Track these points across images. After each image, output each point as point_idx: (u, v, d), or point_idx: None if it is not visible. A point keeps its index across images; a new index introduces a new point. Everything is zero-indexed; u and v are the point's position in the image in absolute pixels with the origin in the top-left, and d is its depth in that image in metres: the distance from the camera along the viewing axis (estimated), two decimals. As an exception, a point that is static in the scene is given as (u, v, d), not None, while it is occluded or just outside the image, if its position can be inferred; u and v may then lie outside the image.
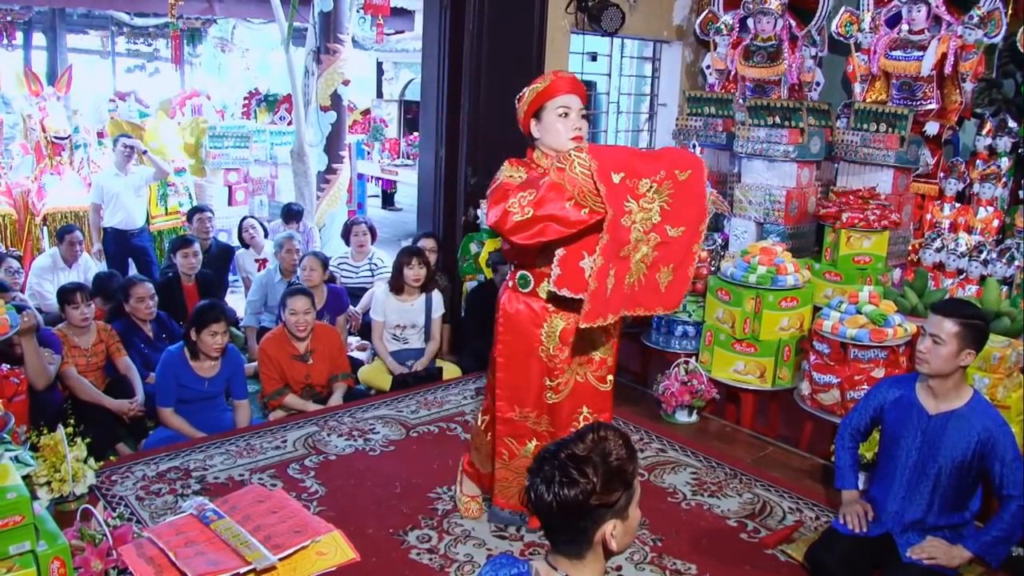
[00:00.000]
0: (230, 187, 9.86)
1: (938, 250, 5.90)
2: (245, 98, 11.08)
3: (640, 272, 2.91)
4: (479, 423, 3.66)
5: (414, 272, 5.44)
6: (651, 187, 2.79)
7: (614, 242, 2.73)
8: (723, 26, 7.15)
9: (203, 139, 9.58)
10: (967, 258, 5.72)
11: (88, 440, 3.55)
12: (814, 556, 3.42)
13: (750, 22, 7.03)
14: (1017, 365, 4.28)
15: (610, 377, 3.37)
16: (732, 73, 7.19)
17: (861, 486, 3.61)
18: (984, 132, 6.20)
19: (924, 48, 6.10)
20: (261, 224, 7.54)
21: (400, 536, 3.61)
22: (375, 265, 6.78)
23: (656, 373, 5.22)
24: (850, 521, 3.35)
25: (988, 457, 3.14)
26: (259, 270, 6.80)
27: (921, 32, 6.20)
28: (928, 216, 6.32)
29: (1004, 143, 6.07)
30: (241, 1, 12.19)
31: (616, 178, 2.70)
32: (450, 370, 5.60)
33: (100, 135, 8.92)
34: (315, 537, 2.65)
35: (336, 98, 8.45)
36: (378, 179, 12.69)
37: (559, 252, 2.89)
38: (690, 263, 3.02)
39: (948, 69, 6.05)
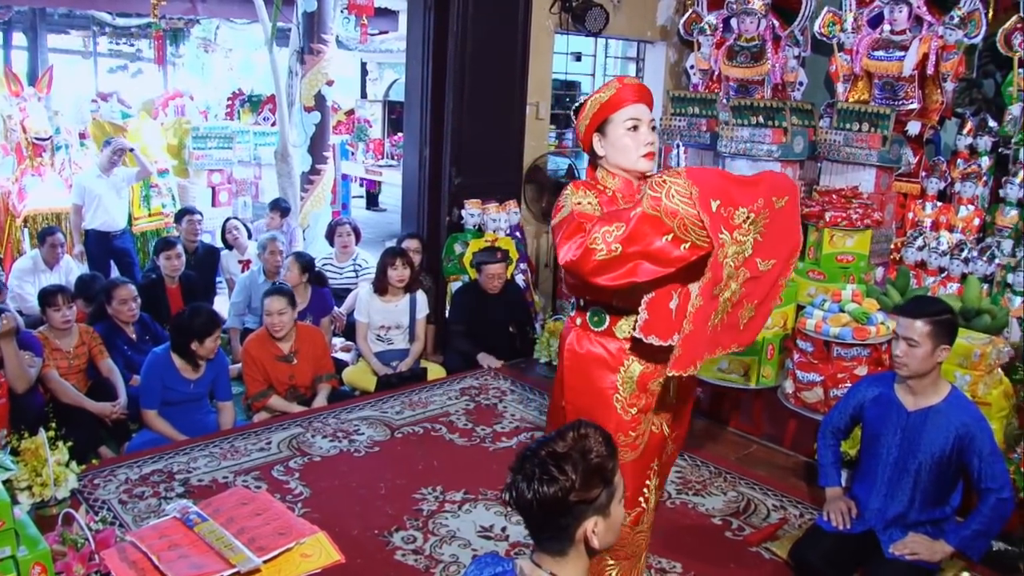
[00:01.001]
0: (213, 188, 9.81)
1: (920, 248, 5.93)
2: (228, 99, 11.03)
3: (725, 311, 2.52)
4: None
5: (398, 273, 5.43)
6: (748, 217, 2.40)
7: (713, 281, 2.38)
8: (707, 26, 7.17)
9: (186, 140, 9.53)
10: (948, 256, 5.75)
11: (70, 443, 3.53)
12: (798, 553, 3.44)
13: (733, 22, 7.06)
14: (998, 362, 4.31)
15: (684, 424, 2.95)
16: (716, 73, 7.22)
17: (844, 483, 3.62)
18: (965, 131, 6.24)
19: (906, 48, 6.13)
20: (245, 225, 7.51)
21: (385, 537, 3.61)
22: (359, 266, 6.77)
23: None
24: (834, 518, 3.37)
25: (966, 452, 3.17)
26: (243, 271, 6.77)
27: (903, 32, 6.23)
28: (910, 215, 6.36)
29: (984, 142, 6.11)
30: (224, 1, 12.13)
31: (714, 206, 2.32)
32: (435, 371, 5.59)
33: (82, 136, 8.86)
34: (300, 539, 2.64)
35: (320, 98, 8.42)
36: (362, 180, 12.65)
37: (649, 295, 2.49)
38: (774, 298, 2.67)
39: (929, 69, 6.08)
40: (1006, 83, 6.07)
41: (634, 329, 2.52)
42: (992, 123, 6.13)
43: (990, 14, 6.11)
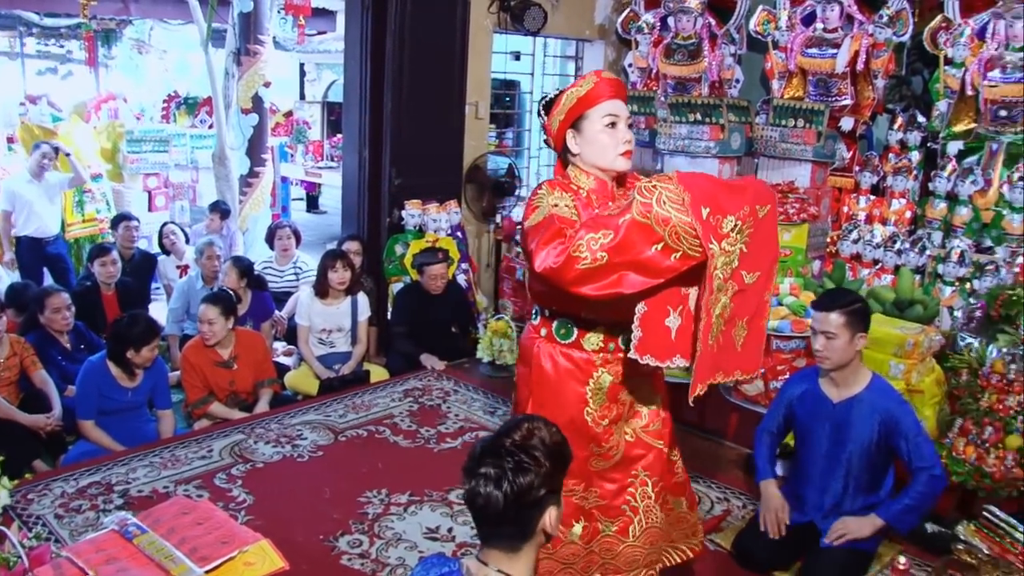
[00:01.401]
0: (150, 192, 9.63)
1: (855, 241, 6.05)
2: (164, 101, 10.84)
3: (719, 328, 2.38)
4: None
5: (339, 275, 5.40)
6: (735, 226, 2.27)
7: (709, 293, 2.27)
8: (644, 25, 7.22)
9: (120, 143, 9.33)
10: (882, 248, 5.88)
11: (1, 459, 3.43)
12: (741, 544, 3.50)
13: (671, 21, 7.12)
14: (930, 350, 4.41)
15: (663, 431, 2.80)
16: (654, 71, 7.27)
17: (782, 473, 3.69)
18: (895, 127, 6.38)
19: (838, 46, 6.25)
20: (182, 230, 7.39)
21: (330, 542, 3.59)
22: (299, 269, 6.70)
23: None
24: (770, 529, 3.41)
25: (892, 436, 3.25)
26: (181, 277, 6.67)
27: (835, 30, 6.35)
28: (845, 209, 6.49)
29: (914, 137, 6.26)
30: (158, 1, 11.91)
31: (704, 213, 2.20)
32: (377, 373, 5.57)
33: (10, 140, 8.65)
34: (242, 547, 2.61)
35: (257, 100, 8.31)
36: (302, 182, 12.54)
37: (640, 309, 2.36)
38: (764, 314, 2.55)
39: (860, 66, 6.20)
40: (933, 80, 6.23)
41: (627, 349, 2.39)
42: (921, 119, 6.28)
43: (917, 13, 6.26)
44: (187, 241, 7.29)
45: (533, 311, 2.73)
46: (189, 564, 2.48)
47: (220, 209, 7.56)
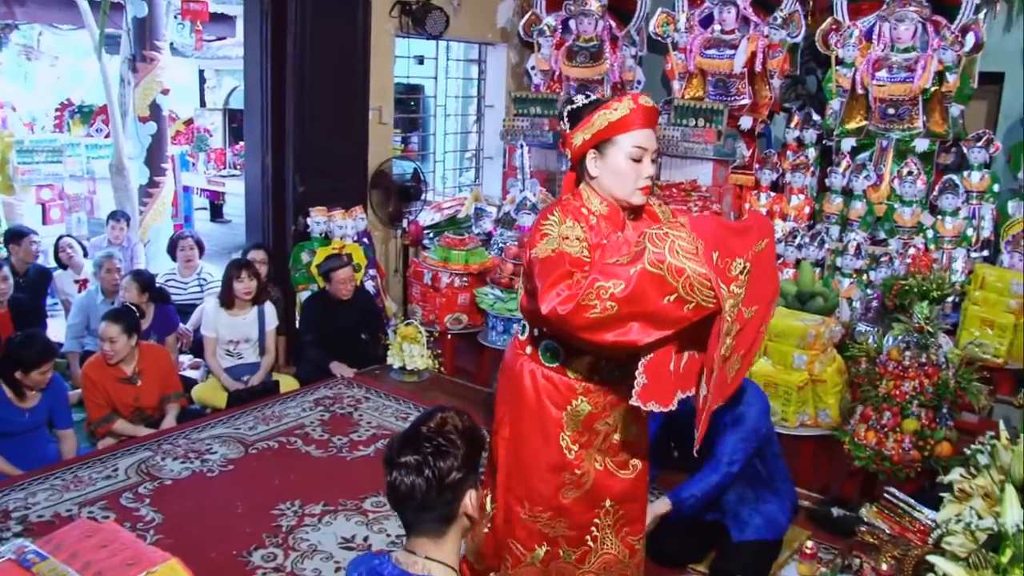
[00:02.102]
0: (44, 205, 9.30)
1: (756, 237, 6.20)
2: (57, 109, 10.50)
3: (718, 367, 2.31)
4: (488, 509, 2.80)
5: (244, 285, 5.30)
6: (743, 268, 2.22)
7: (721, 342, 2.20)
8: (546, 27, 7.29)
9: (10, 154, 8.98)
10: (783, 243, 6.04)
11: None
12: (654, 541, 3.54)
13: (572, 23, 7.21)
14: (831, 341, 4.55)
15: (635, 462, 2.72)
16: (556, 73, 7.34)
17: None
18: (792, 125, 6.59)
19: (735, 47, 6.42)
20: (79, 243, 7.15)
21: (244, 557, 3.53)
22: (204, 280, 6.55)
23: (494, 371, 5.27)
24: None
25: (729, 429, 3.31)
26: (79, 291, 6.45)
27: (732, 32, 6.52)
28: (746, 205, 6.65)
29: (810, 135, 6.47)
30: (45, 5, 11.49)
31: (715, 258, 2.15)
32: (287, 383, 5.49)
33: None
34: (150, 568, 2.52)
35: (155, 108, 8.12)
36: (205, 191, 12.27)
37: (646, 356, 2.26)
38: (757, 348, 2.50)
39: (758, 67, 6.39)
40: (826, 79, 6.45)
41: (631, 396, 2.28)
42: (816, 117, 6.50)
43: (809, 15, 6.48)
44: (85, 255, 7.06)
45: (521, 325, 2.66)
46: (94, 588, 2.40)
47: (123, 216, 7.32)
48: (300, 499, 4.01)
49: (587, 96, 2.50)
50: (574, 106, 2.46)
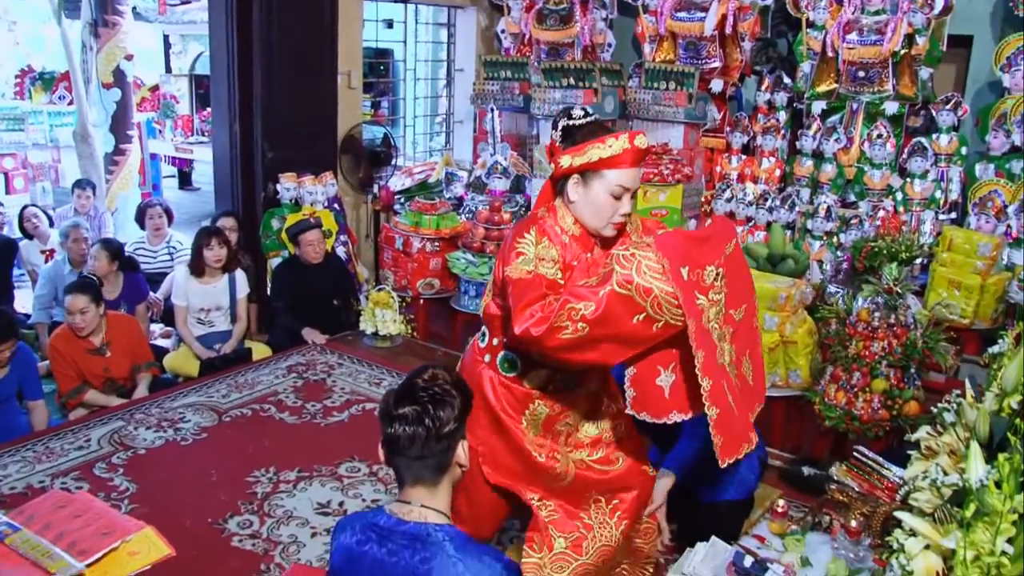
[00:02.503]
0: (6, 174, 9.16)
1: (728, 200, 6.23)
2: (17, 76, 10.27)
3: (733, 374, 2.38)
4: None
5: (214, 253, 5.25)
6: (717, 274, 2.28)
7: (710, 354, 2.23)
8: (515, -10, 7.21)
9: (-30, 123, 8.84)
10: (754, 206, 6.07)
11: None
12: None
13: (541, -14, 7.14)
14: (801, 302, 4.59)
15: (618, 455, 2.74)
16: (526, 37, 7.29)
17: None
18: (763, 88, 6.59)
19: (706, 9, 6.38)
20: (45, 212, 7.05)
21: (220, 525, 3.52)
22: (174, 248, 6.49)
23: (467, 336, 5.28)
24: None
25: None
26: (46, 262, 6.37)
27: (702, -7, 6.48)
28: (718, 168, 6.67)
29: (781, 98, 6.48)
30: (1, -30, 11.28)
31: (684, 274, 2.18)
32: (260, 350, 5.46)
33: None
34: (125, 536, 2.53)
35: (119, 74, 7.98)
36: (172, 158, 12.11)
37: (630, 371, 2.34)
38: (759, 342, 2.57)
39: (728, 29, 6.35)
40: (797, 42, 6.45)
41: (626, 406, 2.36)
42: (787, 79, 6.50)
43: (779, -24, 6.46)
44: (51, 224, 6.97)
45: (481, 333, 2.67)
46: (68, 560, 2.39)
47: (88, 184, 7.21)
48: (275, 466, 4.01)
49: (585, 113, 2.46)
50: (571, 122, 2.43)
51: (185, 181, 12.88)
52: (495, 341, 2.56)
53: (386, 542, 1.87)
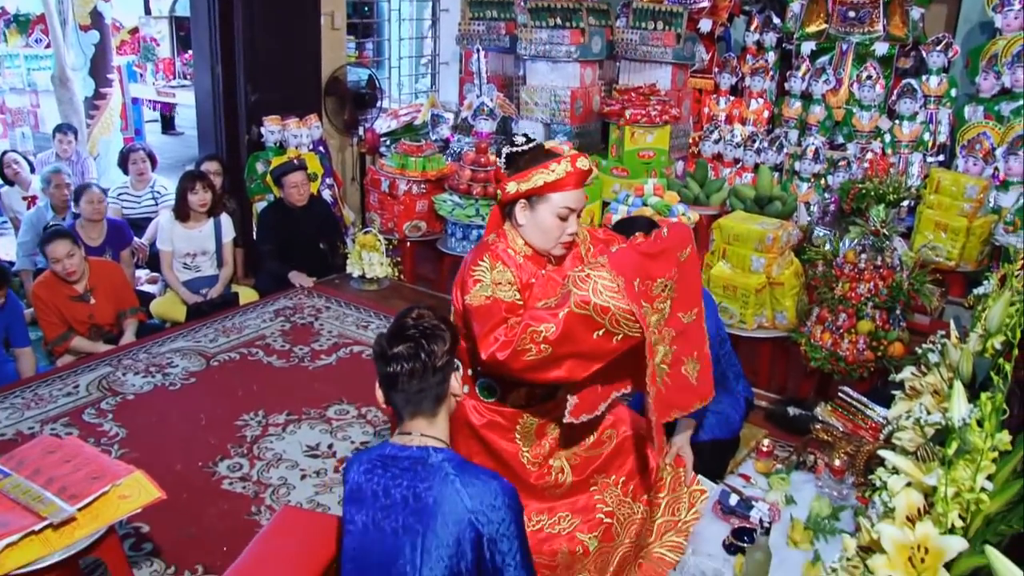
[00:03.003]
0: (-17, 120, 9.01)
1: (716, 142, 6.20)
2: (-10, 18, 10.05)
3: (663, 375, 2.46)
4: None
5: (199, 197, 5.21)
6: (665, 285, 2.40)
7: (654, 352, 2.35)
8: (500, -73, 7.07)
9: (-56, 67, 8.65)
10: (742, 148, 6.05)
11: None
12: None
13: (526, -77, 7.00)
14: (788, 244, 4.60)
15: (609, 432, 2.79)
16: (512, -25, 7.16)
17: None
18: (752, 28, 6.52)
19: (694, -54, 6.29)
20: (25, 158, 6.95)
21: (210, 468, 3.55)
22: (158, 193, 6.42)
23: (454, 279, 5.27)
24: None
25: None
26: (28, 208, 6.30)
27: (690, -70, 6.38)
28: (705, 110, 6.63)
29: (770, 38, 6.42)
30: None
31: (636, 285, 2.30)
32: (246, 294, 5.45)
33: None
34: (115, 481, 2.53)
35: (97, 16, 7.81)
36: (154, 103, 11.94)
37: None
38: (707, 341, 2.64)
39: (717, -33, 6.28)
40: (786, -21, 6.36)
41: (564, 415, 2.46)
42: (776, 20, 6.42)
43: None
44: (32, 170, 6.87)
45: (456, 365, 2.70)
46: (59, 503, 2.40)
47: (70, 129, 7.09)
48: (263, 409, 4.03)
49: (527, 140, 2.49)
50: (513, 149, 2.47)
51: (168, 125, 12.72)
52: (469, 372, 2.60)
53: (390, 468, 1.96)
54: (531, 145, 2.48)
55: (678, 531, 2.94)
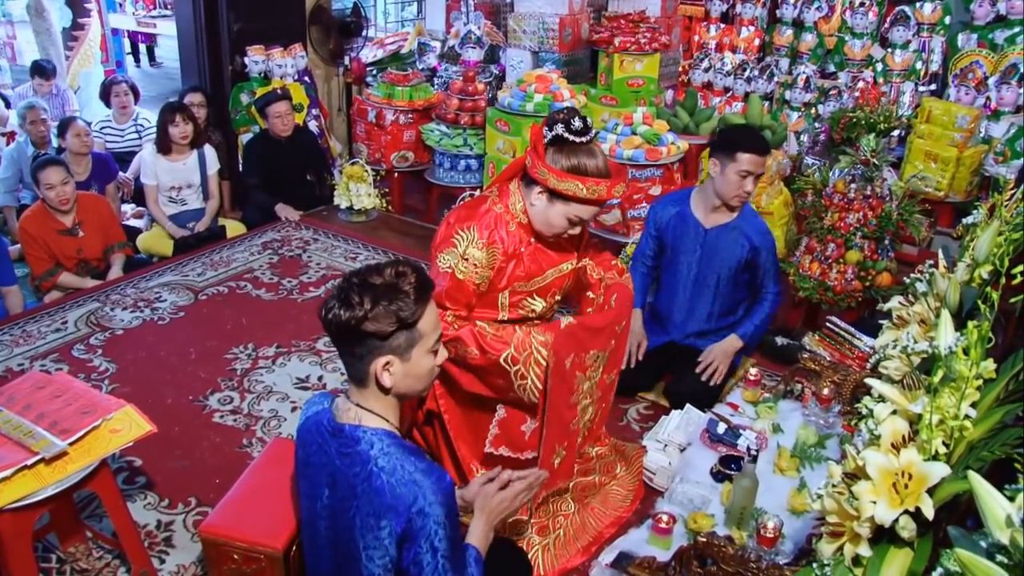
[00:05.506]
0: (-42, 52, 8.82)
1: (706, 70, 6.13)
2: (-39, -54, 9.77)
3: (582, 434, 2.73)
4: None
5: (179, 129, 5.13)
6: (597, 357, 2.59)
7: (561, 423, 2.55)
8: None
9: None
10: (733, 76, 5.98)
11: None
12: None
13: None
14: (778, 174, 4.58)
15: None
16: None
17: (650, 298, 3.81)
18: (743, -48, 6.40)
19: None
20: (1, 94, 6.82)
21: (201, 401, 3.57)
22: (141, 126, 6.33)
23: (442, 209, 5.26)
24: (631, 359, 3.53)
25: (753, 262, 3.40)
26: (7, 144, 6.21)
27: None
28: (695, 37, 6.54)
29: (761, -38, 6.30)
30: None
31: (567, 363, 2.48)
32: (234, 227, 5.42)
33: None
34: (106, 415, 2.53)
35: (73, -58, 7.63)
36: (135, 33, 11.69)
37: (500, 413, 2.72)
38: (611, 393, 2.85)
39: None
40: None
41: (486, 444, 2.72)
42: (767, -58, 6.31)
43: None
44: (7, 106, 6.76)
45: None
46: (50, 438, 2.40)
47: (42, 69, 6.95)
48: (253, 342, 4.04)
49: (583, 128, 2.43)
50: (566, 135, 2.41)
51: (150, 57, 12.49)
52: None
53: (328, 444, 1.83)
54: (584, 140, 2.43)
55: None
